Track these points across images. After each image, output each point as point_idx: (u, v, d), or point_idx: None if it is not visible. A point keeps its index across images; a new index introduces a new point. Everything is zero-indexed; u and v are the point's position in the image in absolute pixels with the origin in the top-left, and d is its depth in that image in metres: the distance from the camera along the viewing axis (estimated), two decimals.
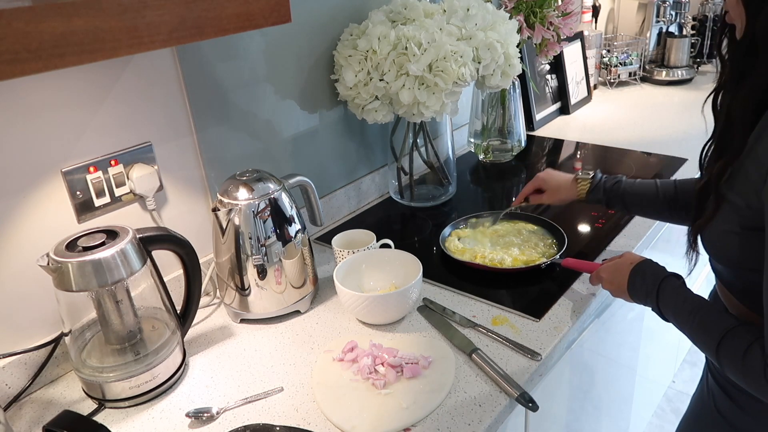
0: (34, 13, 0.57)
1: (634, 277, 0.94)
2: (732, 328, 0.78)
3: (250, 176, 1.04)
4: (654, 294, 0.89)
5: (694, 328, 0.83)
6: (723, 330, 0.78)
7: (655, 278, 0.90)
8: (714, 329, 0.80)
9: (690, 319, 0.84)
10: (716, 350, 0.79)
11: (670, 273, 0.91)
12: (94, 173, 0.98)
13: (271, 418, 0.87)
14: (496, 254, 1.20)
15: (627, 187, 1.12)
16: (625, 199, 1.12)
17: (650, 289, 0.90)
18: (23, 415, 0.91)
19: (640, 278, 0.93)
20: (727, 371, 0.79)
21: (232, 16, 0.74)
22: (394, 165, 1.48)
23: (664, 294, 0.88)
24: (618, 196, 1.13)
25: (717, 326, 0.80)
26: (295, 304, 1.09)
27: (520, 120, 1.74)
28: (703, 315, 0.82)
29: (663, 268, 0.93)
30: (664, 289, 0.89)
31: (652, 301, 0.90)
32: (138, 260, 0.88)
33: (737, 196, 0.77)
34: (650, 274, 0.92)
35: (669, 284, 0.89)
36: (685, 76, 2.39)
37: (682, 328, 0.86)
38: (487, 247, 1.24)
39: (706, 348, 0.82)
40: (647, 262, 0.95)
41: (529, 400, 0.86)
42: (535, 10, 1.52)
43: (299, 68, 1.27)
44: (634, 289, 0.94)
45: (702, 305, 0.84)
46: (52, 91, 0.90)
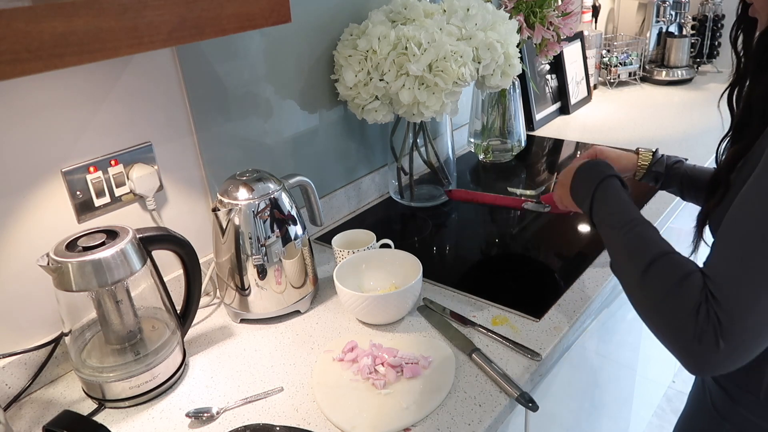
0: (34, 13, 0.57)
1: (577, 175, 0.90)
2: (671, 252, 0.72)
3: (250, 176, 1.04)
4: (590, 193, 0.84)
5: (629, 238, 0.76)
6: (664, 250, 0.72)
7: (595, 176, 0.85)
8: (653, 245, 0.74)
9: (626, 228, 0.78)
10: (647, 266, 0.71)
11: (613, 173, 0.86)
12: (94, 173, 0.98)
13: (271, 418, 0.87)
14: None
15: (687, 169, 1.10)
16: (684, 181, 1.10)
17: (588, 188, 0.85)
18: (23, 415, 0.91)
19: (582, 176, 0.89)
20: (649, 296, 0.70)
21: (232, 16, 0.74)
22: (394, 165, 1.48)
23: (600, 193, 0.83)
24: (677, 176, 1.10)
25: (658, 245, 0.74)
26: (295, 304, 1.09)
27: (520, 120, 1.74)
28: (643, 229, 0.77)
29: (608, 167, 0.87)
30: (603, 188, 0.83)
31: (587, 201, 0.85)
32: (138, 260, 0.88)
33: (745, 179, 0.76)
34: (592, 171, 0.87)
35: (609, 184, 0.84)
36: (685, 76, 2.39)
37: (612, 234, 0.80)
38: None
39: (634, 261, 0.73)
40: (593, 161, 0.90)
41: (529, 400, 0.86)
42: (535, 10, 1.52)
43: (299, 68, 1.27)
44: (575, 189, 0.89)
45: (644, 220, 0.79)
46: (52, 91, 0.91)
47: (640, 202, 1.41)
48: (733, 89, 0.84)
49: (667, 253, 0.72)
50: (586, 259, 1.20)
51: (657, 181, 1.14)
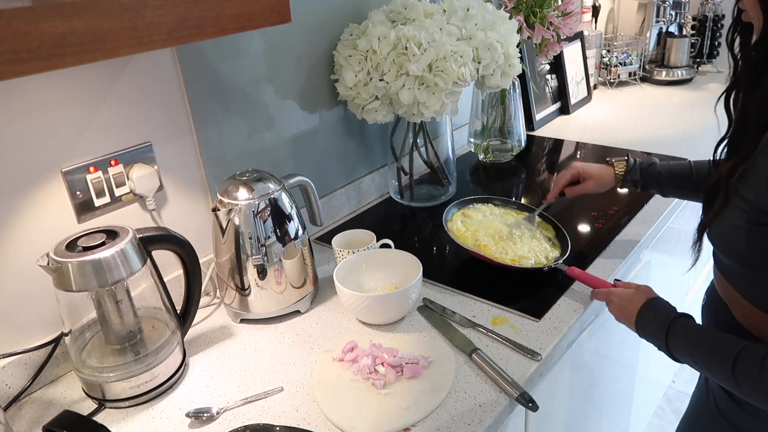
0: (34, 13, 0.57)
1: (643, 314, 0.93)
2: (744, 347, 0.77)
3: (250, 176, 1.04)
4: (663, 336, 0.87)
5: (707, 357, 0.81)
6: (736, 350, 0.77)
7: (664, 319, 0.89)
8: (727, 351, 0.78)
9: (701, 350, 0.82)
10: (732, 371, 0.77)
11: (679, 313, 0.89)
12: (94, 173, 0.98)
13: (271, 418, 0.87)
14: (499, 247, 1.18)
15: (662, 168, 1.14)
16: (661, 181, 1.14)
17: (659, 331, 0.88)
18: (23, 415, 0.91)
19: (650, 317, 0.91)
20: (746, 389, 0.77)
21: (232, 16, 0.74)
22: (394, 165, 1.48)
23: (673, 336, 0.87)
24: (653, 178, 1.15)
25: (730, 347, 0.78)
26: (295, 304, 1.09)
27: (520, 120, 1.74)
28: (714, 341, 0.81)
29: (672, 309, 0.91)
30: (674, 331, 0.87)
31: (661, 343, 0.88)
32: (138, 260, 0.88)
33: (747, 191, 0.76)
34: (660, 314, 0.90)
35: (678, 325, 0.87)
36: (685, 76, 2.39)
37: (695, 362, 0.84)
38: (489, 236, 1.21)
39: (722, 372, 0.79)
40: (658, 303, 0.93)
41: (529, 400, 0.86)
42: (535, 10, 1.52)
43: (299, 68, 1.27)
44: (642, 326, 0.93)
45: (712, 334, 0.83)
46: (52, 91, 0.90)
47: (640, 204, 1.41)
48: (730, 93, 0.85)
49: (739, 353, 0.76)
50: (586, 259, 1.20)
51: (636, 186, 1.19)
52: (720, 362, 0.79)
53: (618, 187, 1.22)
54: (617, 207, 1.41)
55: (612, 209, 1.40)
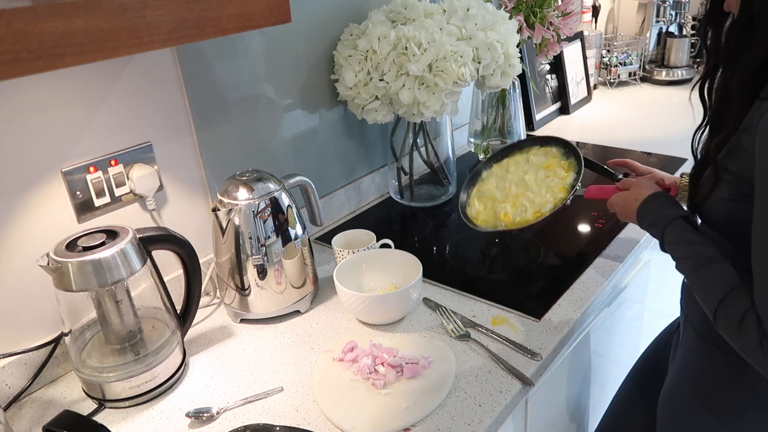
0: (34, 13, 0.57)
1: (642, 214, 0.95)
2: (733, 288, 0.77)
3: (250, 176, 1.04)
4: (660, 236, 0.89)
5: (697, 277, 0.83)
6: (724, 290, 0.78)
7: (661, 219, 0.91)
8: (720, 285, 0.79)
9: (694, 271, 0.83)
10: (715, 311, 0.78)
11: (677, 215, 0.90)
12: (94, 173, 0.98)
13: (271, 418, 0.87)
14: (518, 207, 1.16)
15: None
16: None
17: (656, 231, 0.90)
18: (23, 415, 0.91)
19: (647, 217, 0.94)
20: (723, 333, 0.79)
21: (232, 16, 0.74)
22: (394, 165, 1.48)
23: (669, 236, 0.88)
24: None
25: (723, 282, 0.79)
26: (295, 304, 1.09)
27: (520, 120, 1.74)
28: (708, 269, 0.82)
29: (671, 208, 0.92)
30: (670, 233, 0.88)
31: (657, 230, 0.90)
32: (138, 260, 0.88)
33: (732, 164, 0.79)
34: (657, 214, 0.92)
35: (675, 227, 0.88)
36: (685, 76, 2.39)
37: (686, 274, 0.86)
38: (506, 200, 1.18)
39: (706, 303, 0.81)
40: (656, 201, 0.95)
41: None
42: (535, 10, 1.52)
43: (299, 68, 1.27)
44: (642, 223, 0.95)
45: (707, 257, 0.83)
46: (52, 91, 0.90)
47: None
48: (704, 82, 0.88)
49: (726, 296, 0.77)
50: (587, 259, 1.20)
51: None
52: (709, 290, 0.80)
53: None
54: None
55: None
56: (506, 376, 0.91)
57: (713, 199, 0.82)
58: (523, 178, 1.21)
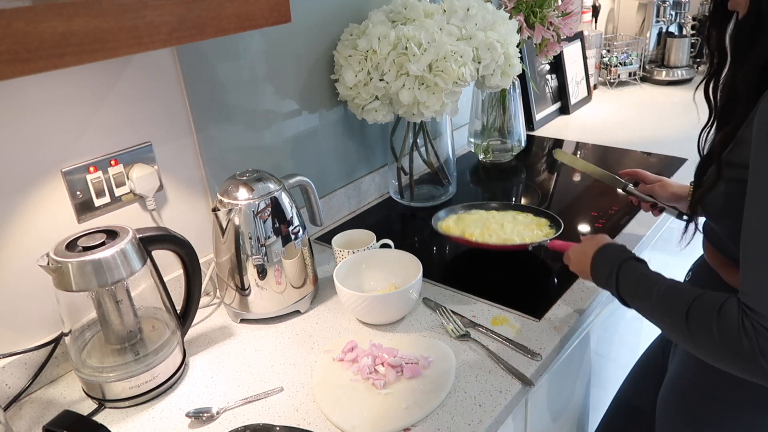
0: (34, 13, 0.57)
1: (595, 262, 0.93)
2: (701, 293, 0.75)
3: (250, 176, 1.04)
4: (613, 279, 0.87)
5: (658, 302, 0.79)
6: (692, 297, 0.75)
7: (613, 262, 0.89)
8: (681, 297, 0.76)
9: (653, 295, 0.80)
10: (685, 317, 0.74)
11: (629, 256, 0.89)
12: (94, 173, 0.98)
13: (271, 418, 0.87)
14: (485, 235, 1.19)
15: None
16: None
17: (609, 274, 0.88)
18: (23, 415, 0.91)
19: (599, 263, 0.92)
20: (698, 339, 0.74)
21: (232, 16, 0.74)
22: (394, 165, 1.48)
23: (623, 277, 0.86)
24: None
25: (685, 294, 0.76)
26: (295, 304, 1.09)
27: (520, 120, 1.74)
28: (666, 288, 0.80)
29: (623, 251, 0.91)
30: (624, 272, 0.86)
31: (612, 287, 0.88)
32: (138, 260, 0.88)
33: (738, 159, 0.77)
34: (610, 258, 0.90)
35: (628, 267, 0.87)
36: (685, 76, 2.39)
37: (644, 307, 0.83)
38: (478, 228, 1.22)
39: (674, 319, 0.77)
40: (608, 247, 0.93)
41: None
42: (535, 10, 1.52)
43: (299, 68, 1.27)
44: (596, 274, 0.93)
45: (664, 280, 0.81)
46: (52, 91, 0.90)
47: None
48: (709, 81, 0.89)
49: (697, 297, 0.75)
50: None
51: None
52: (672, 309, 0.77)
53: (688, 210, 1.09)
54: (617, 207, 1.41)
55: (612, 209, 1.40)
56: (506, 376, 0.91)
57: (717, 194, 0.82)
58: (502, 224, 1.24)
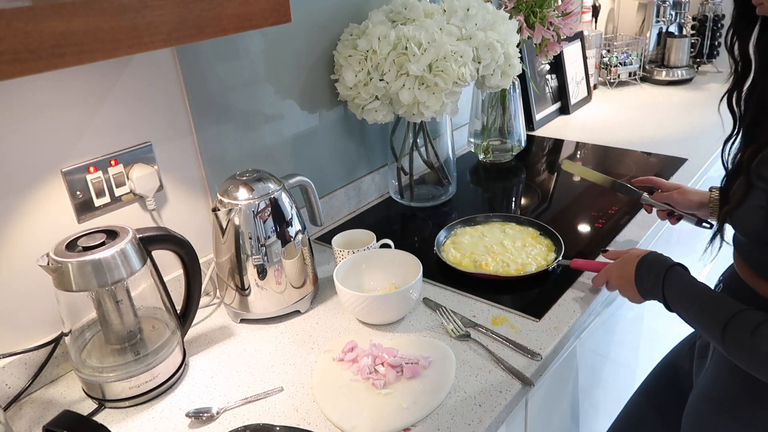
0: (34, 13, 0.57)
1: (640, 269, 0.94)
2: (742, 310, 0.77)
3: (250, 176, 1.04)
4: (660, 283, 0.89)
5: (701, 311, 0.82)
6: (731, 312, 0.77)
7: (660, 267, 0.90)
8: (722, 311, 0.79)
9: (696, 303, 0.83)
10: (723, 330, 0.77)
11: (675, 263, 0.91)
12: (94, 173, 0.98)
13: (271, 418, 0.87)
14: (499, 261, 1.18)
15: None
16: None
17: (656, 279, 0.90)
18: (23, 415, 0.91)
19: (645, 269, 0.93)
20: (732, 351, 0.78)
21: (232, 16, 0.74)
22: (394, 165, 1.48)
23: (669, 282, 0.88)
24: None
25: (725, 308, 0.79)
26: (295, 304, 1.09)
27: (520, 120, 1.74)
28: (710, 299, 0.82)
29: (668, 258, 0.93)
30: (670, 278, 0.88)
31: (658, 291, 0.90)
32: (138, 260, 0.88)
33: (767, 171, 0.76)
34: (656, 264, 0.92)
35: (675, 273, 0.88)
36: (685, 76, 2.39)
37: (687, 313, 0.85)
38: (485, 254, 1.20)
39: (713, 329, 0.80)
40: (653, 254, 0.95)
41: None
42: (535, 10, 1.52)
43: (299, 68, 1.27)
44: (641, 281, 0.93)
45: (709, 291, 0.84)
46: (52, 91, 0.90)
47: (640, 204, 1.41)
48: (732, 91, 0.86)
49: (736, 313, 0.77)
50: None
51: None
52: (712, 320, 0.79)
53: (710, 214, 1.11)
54: (617, 207, 1.41)
55: (612, 209, 1.40)
56: (506, 376, 0.91)
57: (746, 208, 0.80)
58: (501, 242, 1.24)
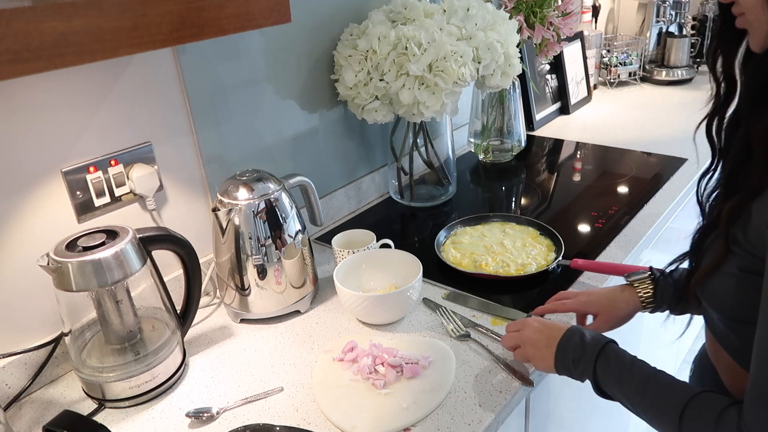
0: (34, 13, 0.57)
1: (570, 336, 0.80)
2: (698, 393, 0.67)
3: (250, 176, 1.04)
4: (593, 356, 0.76)
5: (647, 396, 0.70)
6: (687, 395, 0.67)
7: (597, 340, 0.78)
8: (675, 395, 0.68)
9: (641, 387, 0.71)
10: (679, 419, 0.67)
11: (609, 339, 0.79)
12: (94, 173, 0.98)
13: (271, 418, 0.87)
14: (499, 261, 1.18)
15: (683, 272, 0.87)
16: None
17: (589, 351, 0.77)
18: (23, 415, 0.91)
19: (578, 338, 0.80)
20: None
21: (232, 16, 0.74)
22: (394, 165, 1.48)
23: (605, 357, 0.75)
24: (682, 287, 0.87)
25: (680, 391, 0.68)
26: (295, 304, 1.09)
27: (520, 120, 1.74)
28: (658, 380, 0.71)
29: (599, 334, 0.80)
30: (607, 353, 0.75)
31: (588, 369, 0.77)
32: (138, 260, 0.88)
33: (741, 234, 0.65)
34: (587, 339, 0.79)
35: (613, 348, 0.76)
36: (685, 76, 2.39)
37: (630, 398, 0.73)
38: (485, 254, 1.21)
39: (665, 418, 0.69)
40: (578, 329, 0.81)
41: None
42: (535, 10, 1.52)
43: (299, 68, 1.27)
44: (563, 351, 0.80)
45: (655, 371, 0.72)
46: (52, 91, 0.90)
47: (640, 204, 1.41)
48: (713, 118, 0.73)
49: (693, 397, 0.67)
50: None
51: (670, 307, 0.92)
52: (665, 405, 0.68)
53: (649, 312, 0.95)
54: (617, 207, 1.41)
55: (612, 209, 1.40)
56: (506, 376, 0.91)
57: (721, 277, 0.68)
58: (501, 242, 1.25)
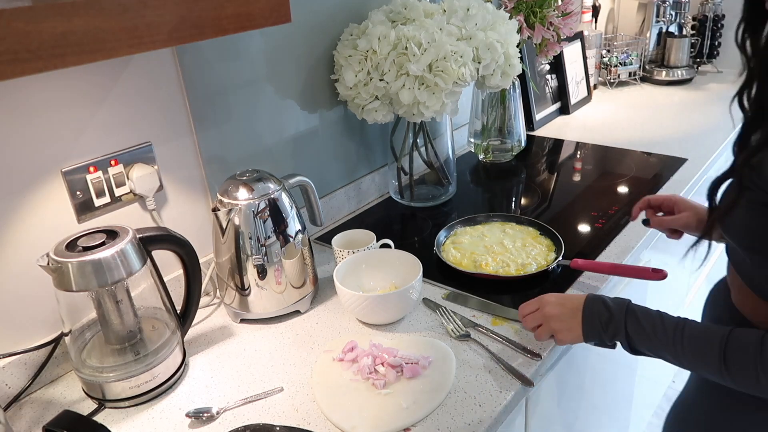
0: (34, 13, 0.57)
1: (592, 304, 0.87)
2: (729, 332, 0.72)
3: (250, 176, 1.04)
4: (622, 318, 0.83)
5: (686, 344, 0.76)
6: (723, 335, 0.72)
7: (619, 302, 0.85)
8: (712, 337, 0.74)
9: (678, 338, 0.76)
10: (722, 357, 0.72)
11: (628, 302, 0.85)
12: (94, 173, 0.98)
13: (271, 418, 0.87)
14: (499, 261, 1.18)
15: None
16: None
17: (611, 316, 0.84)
18: (23, 415, 0.91)
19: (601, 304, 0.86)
20: (740, 377, 0.72)
21: (232, 16, 0.74)
22: (394, 165, 1.48)
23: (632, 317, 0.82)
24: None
25: (714, 333, 0.74)
26: (295, 304, 1.09)
27: (520, 120, 1.74)
28: (690, 327, 0.77)
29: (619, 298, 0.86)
30: (633, 312, 0.82)
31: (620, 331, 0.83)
32: (138, 260, 0.88)
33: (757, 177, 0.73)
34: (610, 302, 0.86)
35: (636, 307, 0.82)
36: (685, 76, 2.39)
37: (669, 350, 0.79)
38: (485, 254, 1.20)
39: (708, 359, 0.74)
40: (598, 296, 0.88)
41: None
42: (535, 10, 1.52)
43: (299, 68, 1.27)
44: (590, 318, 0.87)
45: (683, 320, 0.78)
46: (52, 91, 0.90)
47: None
48: (743, 92, 0.81)
49: (728, 335, 0.72)
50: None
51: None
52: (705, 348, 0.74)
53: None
54: (617, 207, 1.41)
55: (612, 209, 1.40)
56: (506, 376, 0.91)
57: (739, 214, 0.77)
58: (501, 242, 1.24)
